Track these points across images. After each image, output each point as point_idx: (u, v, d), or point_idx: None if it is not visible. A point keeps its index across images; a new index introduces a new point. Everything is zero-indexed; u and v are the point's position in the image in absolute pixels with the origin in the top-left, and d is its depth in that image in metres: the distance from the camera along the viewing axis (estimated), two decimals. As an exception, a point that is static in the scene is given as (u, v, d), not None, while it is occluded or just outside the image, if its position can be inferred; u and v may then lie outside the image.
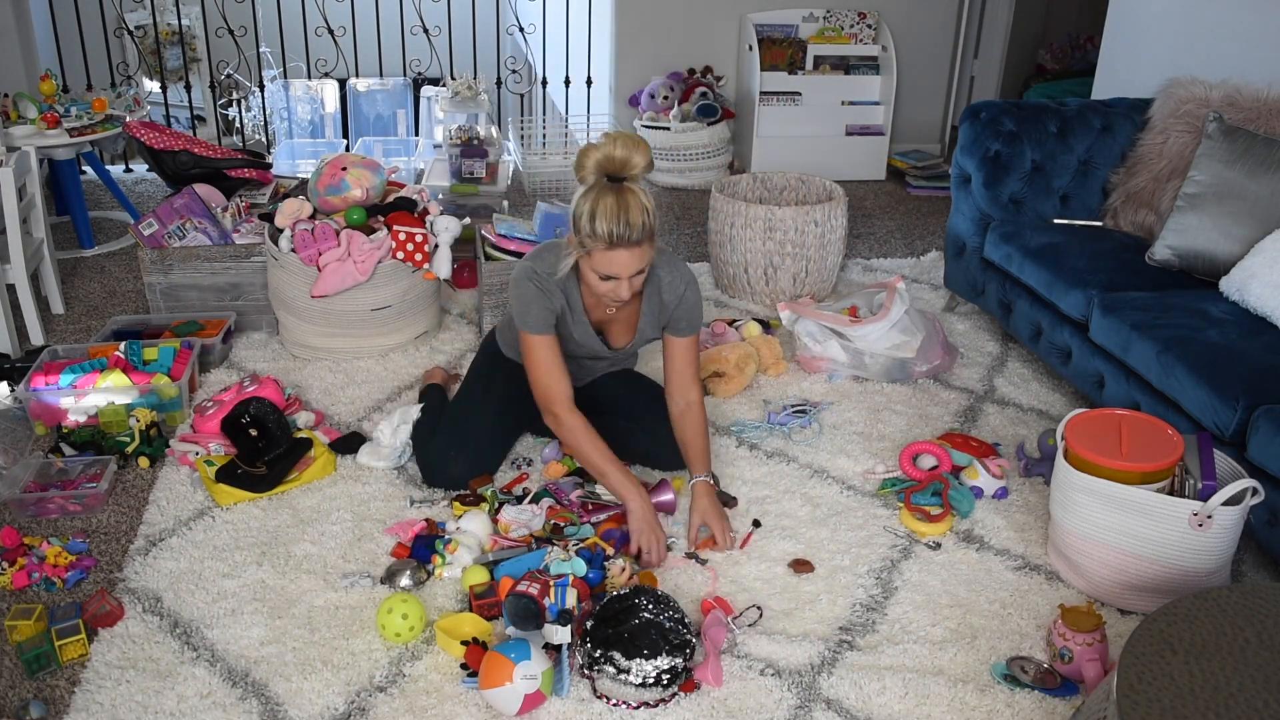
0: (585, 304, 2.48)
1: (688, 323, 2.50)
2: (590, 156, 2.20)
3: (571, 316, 2.48)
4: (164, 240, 3.36)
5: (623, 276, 2.27)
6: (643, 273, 2.31)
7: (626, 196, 2.19)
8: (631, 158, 2.19)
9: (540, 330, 2.41)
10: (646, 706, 1.97)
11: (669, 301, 2.48)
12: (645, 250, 2.26)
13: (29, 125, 3.97)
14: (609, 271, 2.26)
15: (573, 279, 2.43)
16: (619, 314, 2.51)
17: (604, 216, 2.18)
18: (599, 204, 2.18)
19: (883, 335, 3.16)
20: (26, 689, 1.99)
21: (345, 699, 1.98)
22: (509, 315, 2.70)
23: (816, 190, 3.97)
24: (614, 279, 2.28)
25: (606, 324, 2.56)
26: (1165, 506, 2.13)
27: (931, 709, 1.99)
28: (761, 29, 5.25)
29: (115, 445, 2.73)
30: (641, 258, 2.26)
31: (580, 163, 2.23)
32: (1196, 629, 1.62)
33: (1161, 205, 3.17)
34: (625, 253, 2.23)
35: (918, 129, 5.73)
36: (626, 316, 2.53)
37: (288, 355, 3.31)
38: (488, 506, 2.53)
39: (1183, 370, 2.48)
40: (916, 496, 2.57)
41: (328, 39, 5.38)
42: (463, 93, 4.83)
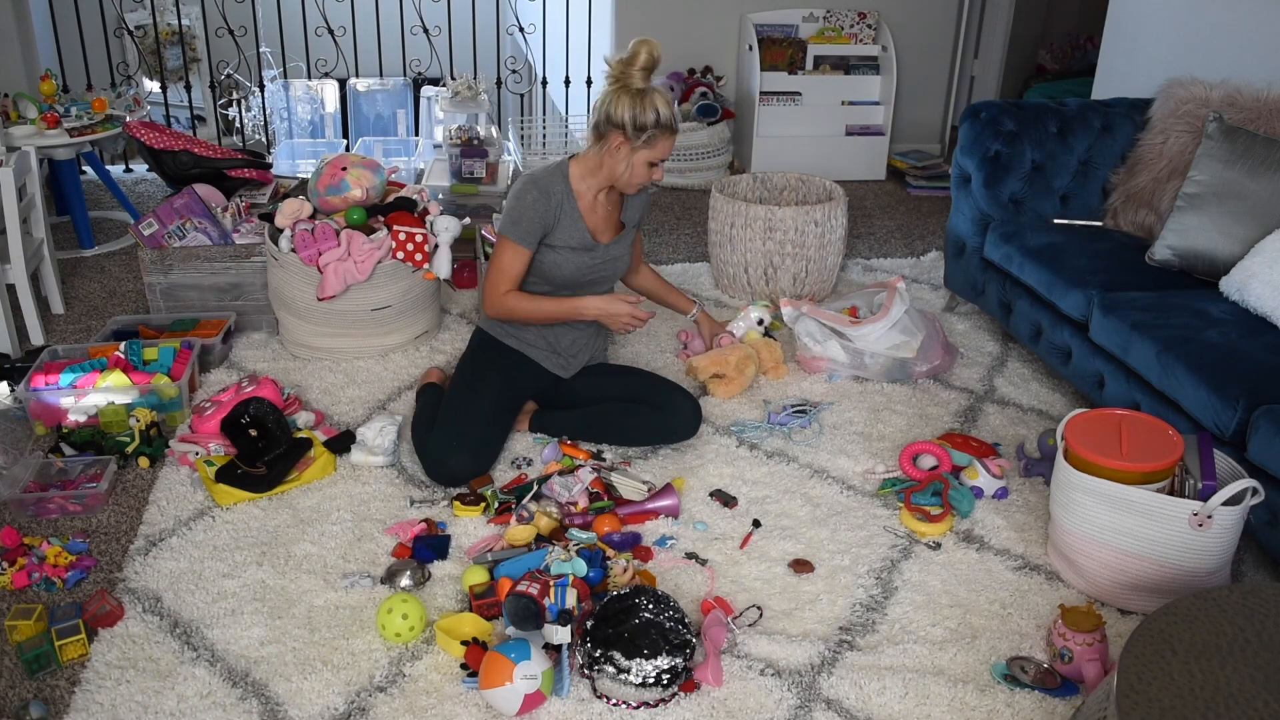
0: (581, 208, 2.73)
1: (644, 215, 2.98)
2: (639, 58, 2.53)
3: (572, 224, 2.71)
4: (164, 240, 3.36)
5: (659, 160, 2.64)
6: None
7: (658, 93, 2.58)
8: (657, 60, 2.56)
9: (521, 240, 2.66)
10: (646, 706, 1.97)
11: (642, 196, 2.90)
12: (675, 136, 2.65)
13: (29, 125, 3.97)
14: (662, 156, 2.63)
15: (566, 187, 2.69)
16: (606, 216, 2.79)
17: (666, 110, 2.57)
18: (656, 99, 2.56)
19: (883, 335, 3.16)
20: (26, 689, 1.99)
21: (345, 699, 1.98)
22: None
23: (816, 190, 3.97)
24: (659, 164, 2.65)
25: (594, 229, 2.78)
26: (1165, 506, 2.13)
27: (931, 709, 1.99)
28: (761, 29, 5.25)
29: (115, 445, 2.73)
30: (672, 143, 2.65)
31: (628, 64, 2.54)
32: (1196, 629, 1.62)
33: (1161, 205, 3.17)
34: (671, 139, 2.62)
35: (918, 129, 5.73)
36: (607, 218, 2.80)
37: (288, 355, 3.31)
38: (487, 506, 2.54)
39: (1183, 370, 2.48)
40: (916, 496, 2.57)
41: (328, 39, 5.38)
42: (463, 93, 4.83)
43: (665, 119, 2.58)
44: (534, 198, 2.64)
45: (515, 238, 2.66)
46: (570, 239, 2.71)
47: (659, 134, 2.58)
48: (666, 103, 2.58)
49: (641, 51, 2.53)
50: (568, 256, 2.72)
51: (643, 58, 2.53)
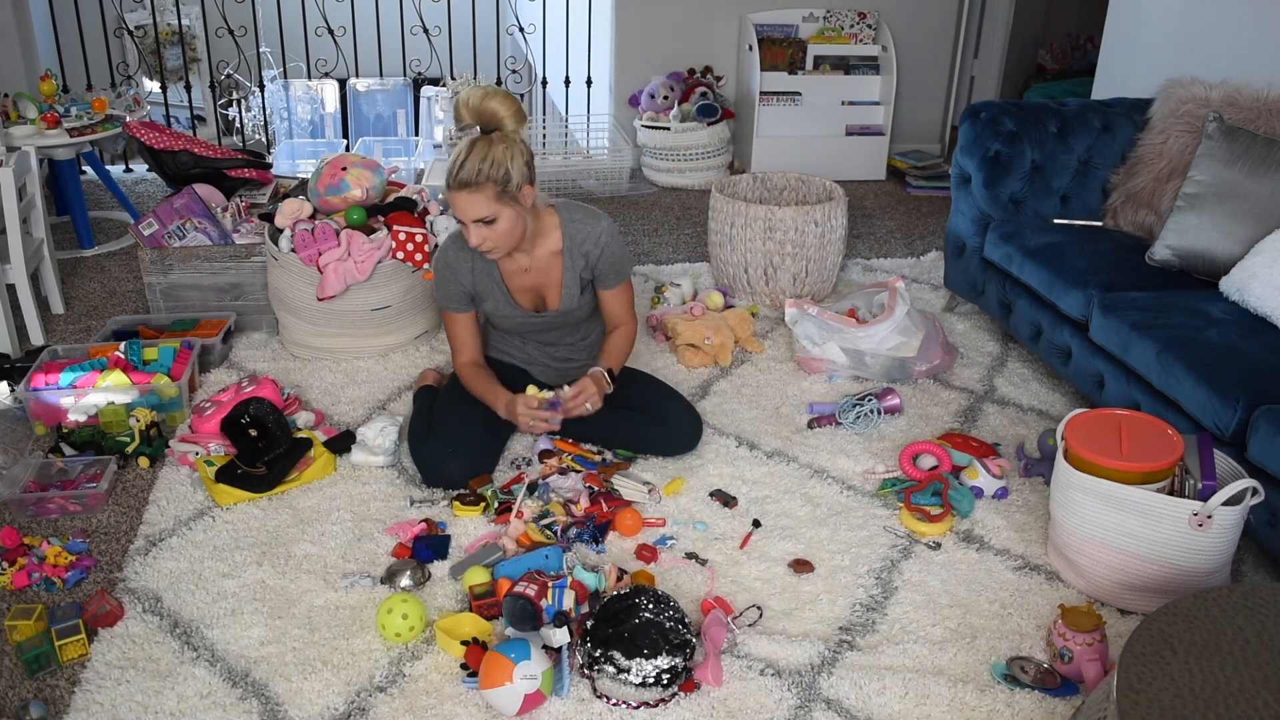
0: (503, 271, 2.63)
1: (615, 274, 2.67)
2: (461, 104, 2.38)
3: (493, 287, 2.64)
4: (164, 240, 3.36)
5: (465, 220, 2.40)
6: (490, 223, 2.41)
7: (479, 144, 2.34)
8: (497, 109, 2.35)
9: (451, 307, 2.65)
10: (646, 706, 1.97)
11: (590, 254, 2.61)
12: (481, 197, 2.36)
13: (29, 125, 3.97)
14: (456, 214, 2.41)
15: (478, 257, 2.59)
16: (544, 277, 2.64)
17: (453, 160, 2.35)
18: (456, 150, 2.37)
19: (885, 336, 3.16)
20: (26, 689, 1.99)
21: (345, 699, 1.98)
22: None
23: (816, 190, 3.97)
24: (468, 224, 2.41)
25: (532, 289, 2.67)
26: (1165, 506, 2.13)
27: (931, 709, 1.99)
28: (761, 29, 5.26)
29: (115, 445, 2.73)
30: (477, 204, 2.37)
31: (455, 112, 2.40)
32: (1196, 629, 1.62)
33: (1161, 205, 3.17)
34: (461, 195, 2.36)
35: (918, 129, 5.73)
36: (552, 278, 2.64)
37: (288, 355, 3.31)
38: (487, 506, 2.54)
39: (1183, 370, 2.48)
40: (916, 496, 2.57)
41: (328, 39, 5.38)
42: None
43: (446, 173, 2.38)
44: (442, 262, 2.63)
45: (444, 305, 2.69)
46: (497, 307, 2.67)
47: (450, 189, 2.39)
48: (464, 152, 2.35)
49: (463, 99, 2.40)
50: (503, 319, 2.69)
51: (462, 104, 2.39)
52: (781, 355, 3.38)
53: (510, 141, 2.38)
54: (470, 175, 2.34)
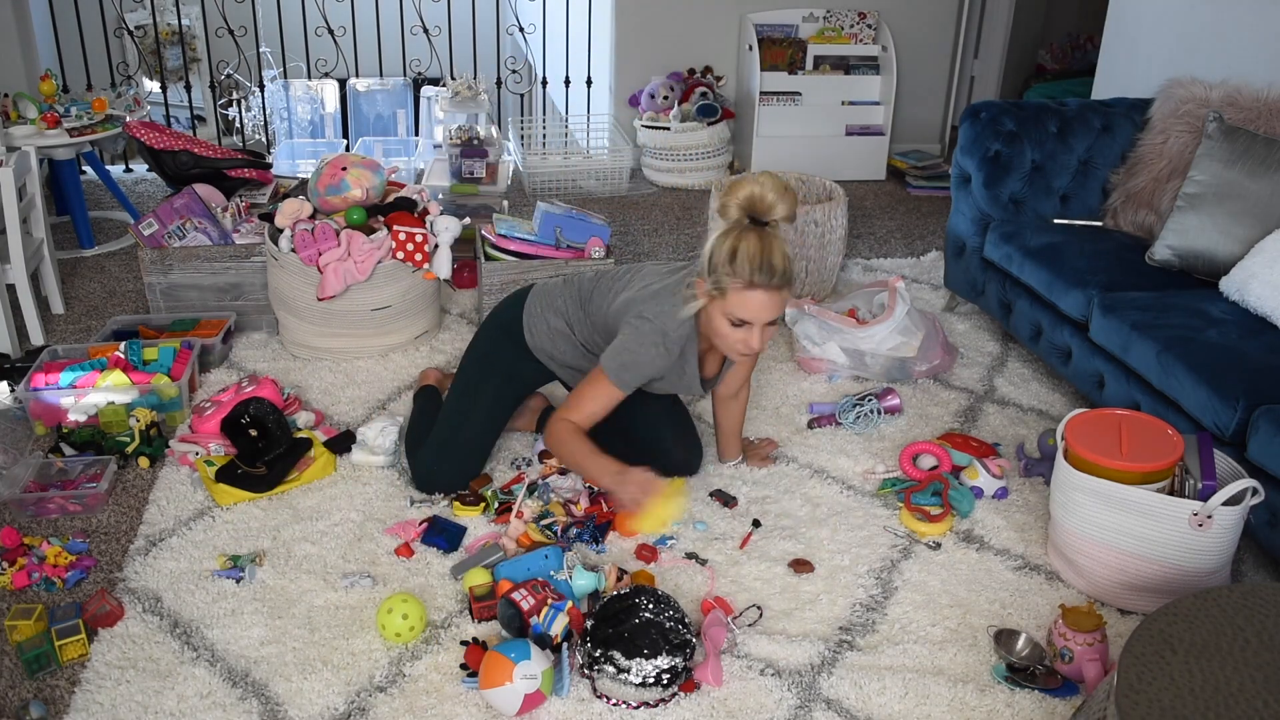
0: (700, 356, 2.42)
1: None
2: (739, 192, 2.16)
3: (683, 368, 2.41)
4: (164, 240, 3.36)
5: (756, 322, 2.19)
6: (774, 324, 2.23)
7: (770, 239, 2.15)
8: (778, 204, 2.14)
9: (624, 387, 2.35)
10: (646, 706, 1.97)
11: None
12: (783, 297, 2.18)
13: (29, 125, 3.97)
14: (743, 315, 2.18)
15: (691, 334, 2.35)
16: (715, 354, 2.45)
17: (746, 254, 2.13)
18: (741, 241, 2.14)
19: (885, 336, 3.16)
20: (26, 689, 1.99)
21: (345, 699, 1.98)
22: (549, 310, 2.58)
23: (816, 190, 3.97)
24: (746, 325, 2.20)
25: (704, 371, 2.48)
26: (1165, 506, 2.13)
27: (931, 709, 1.99)
28: (761, 29, 5.25)
29: (115, 445, 2.73)
30: (778, 304, 2.18)
31: (726, 196, 2.18)
32: (1196, 629, 1.62)
33: (1161, 205, 3.17)
34: (764, 295, 2.15)
35: (918, 129, 5.73)
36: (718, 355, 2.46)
37: (288, 355, 3.31)
38: (487, 506, 2.54)
39: (1183, 370, 2.48)
40: (916, 496, 2.57)
41: (328, 39, 5.38)
42: (463, 93, 4.83)
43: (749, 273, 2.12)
44: (655, 352, 2.31)
45: (620, 385, 2.34)
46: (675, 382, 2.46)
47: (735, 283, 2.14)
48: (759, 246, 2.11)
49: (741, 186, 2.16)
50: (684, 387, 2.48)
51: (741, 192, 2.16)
52: (781, 355, 3.38)
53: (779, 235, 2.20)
54: (780, 277, 2.14)
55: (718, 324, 2.23)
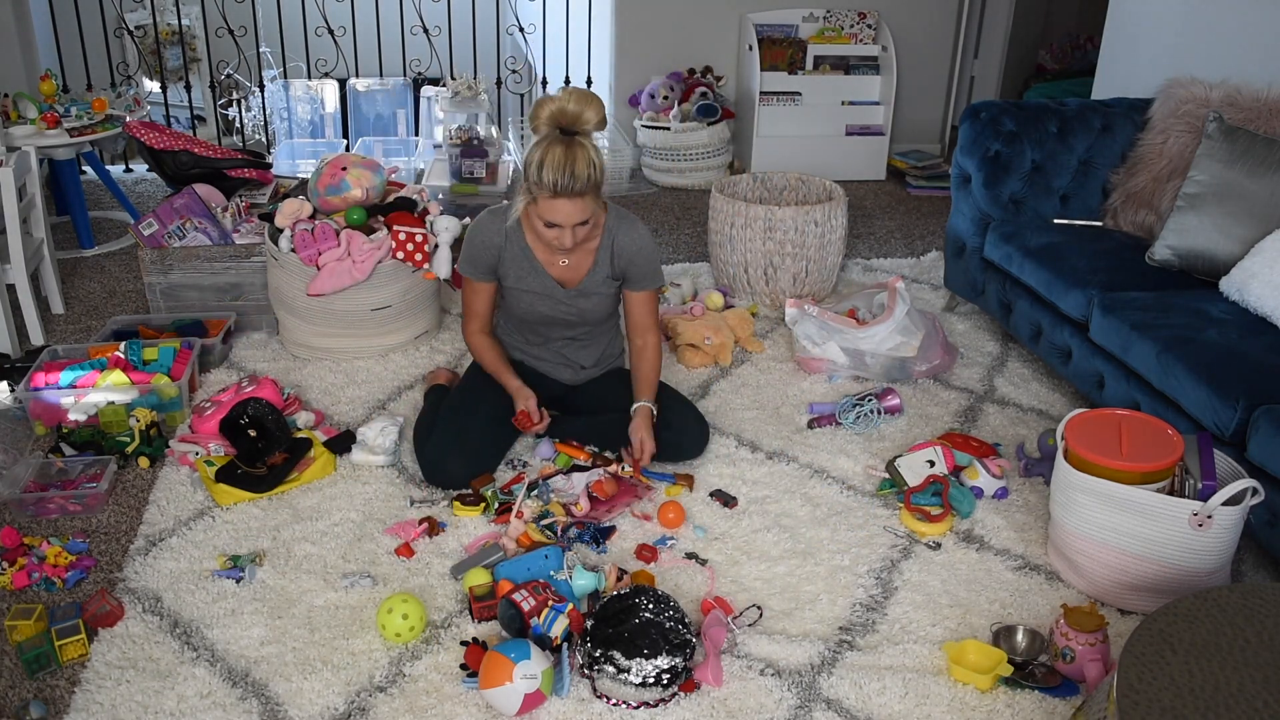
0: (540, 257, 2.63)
1: (644, 278, 2.67)
2: (544, 109, 2.35)
3: (526, 263, 2.63)
4: (164, 240, 3.36)
5: (565, 225, 2.41)
6: (586, 224, 2.45)
7: (575, 149, 2.33)
8: (584, 112, 2.34)
9: (474, 274, 2.67)
10: (646, 706, 1.97)
11: (625, 251, 2.62)
12: (587, 202, 2.40)
13: (29, 125, 3.97)
14: (552, 218, 2.41)
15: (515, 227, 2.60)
16: (575, 271, 2.65)
17: (551, 166, 2.33)
18: (548, 154, 2.33)
19: (885, 336, 3.16)
20: (26, 689, 1.99)
21: (345, 699, 1.98)
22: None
23: (816, 190, 3.97)
24: (557, 226, 2.42)
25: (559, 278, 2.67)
26: (1165, 506, 2.13)
27: (931, 709, 1.99)
28: (761, 29, 5.26)
29: (115, 445, 2.73)
30: (583, 209, 2.40)
31: (534, 114, 2.37)
32: (1196, 629, 1.62)
33: (1161, 205, 3.17)
34: (567, 202, 2.37)
35: (918, 129, 5.73)
36: (581, 270, 2.66)
37: (288, 355, 3.31)
38: (487, 506, 2.54)
39: (1183, 370, 2.48)
40: (916, 496, 2.57)
41: (328, 39, 5.38)
42: (463, 93, 4.83)
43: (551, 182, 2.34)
44: (473, 232, 2.64)
45: (463, 270, 2.71)
46: (524, 282, 2.66)
47: (542, 193, 2.38)
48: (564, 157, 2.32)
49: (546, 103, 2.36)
50: (527, 298, 2.69)
51: (546, 108, 2.35)
52: (781, 355, 3.38)
53: (591, 143, 2.39)
54: (584, 182, 2.35)
55: (536, 224, 2.48)
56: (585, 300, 2.69)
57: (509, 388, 2.71)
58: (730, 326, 3.39)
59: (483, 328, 2.78)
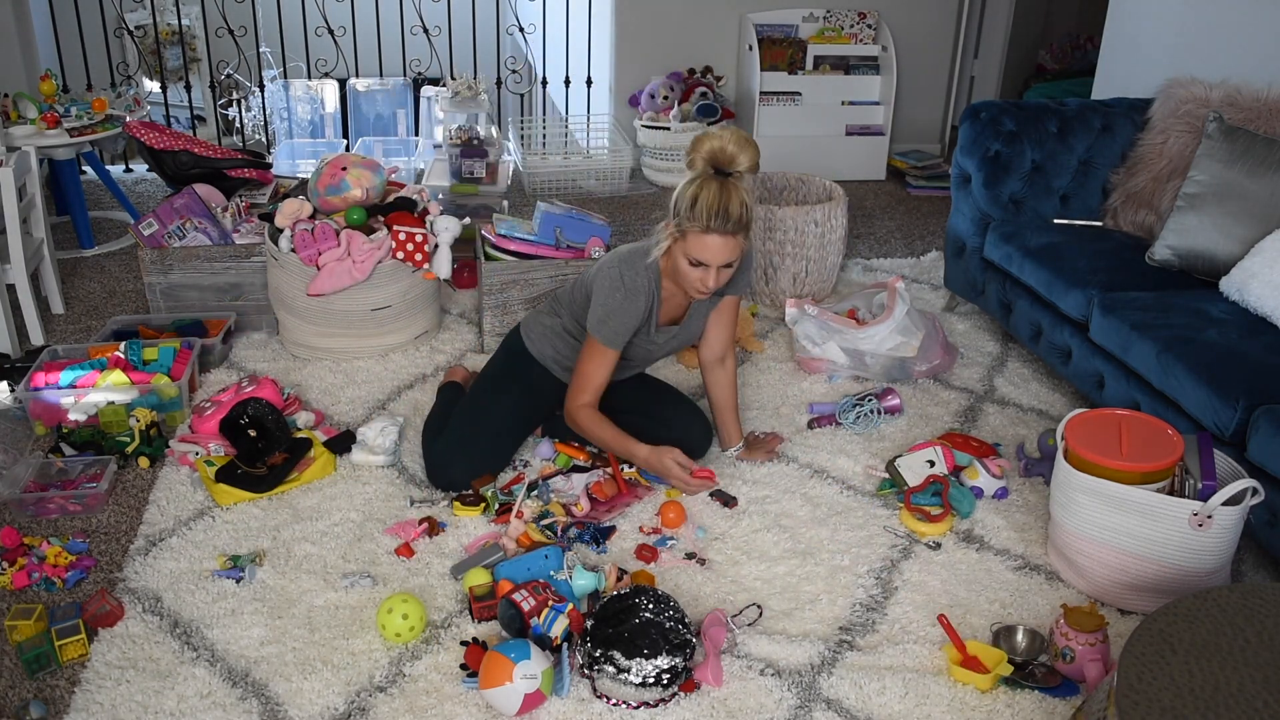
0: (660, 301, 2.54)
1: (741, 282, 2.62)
2: (703, 146, 2.33)
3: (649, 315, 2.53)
4: (164, 240, 3.36)
5: (712, 265, 2.35)
6: (731, 266, 2.38)
7: (729, 188, 2.30)
8: (739, 155, 2.31)
9: (611, 343, 2.48)
10: (646, 706, 1.97)
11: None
12: (738, 242, 2.35)
13: (29, 125, 3.97)
14: (700, 257, 2.34)
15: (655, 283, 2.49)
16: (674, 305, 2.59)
17: (705, 202, 2.28)
18: (703, 190, 2.29)
19: (885, 336, 3.16)
20: (26, 689, 1.99)
21: (345, 699, 1.98)
22: (545, 311, 2.75)
23: (816, 190, 3.97)
24: (703, 266, 2.35)
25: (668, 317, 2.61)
26: (1165, 506, 2.13)
27: (931, 709, 1.99)
28: (761, 29, 5.25)
29: (115, 445, 2.73)
30: (733, 249, 2.34)
31: (692, 150, 2.34)
32: (1196, 629, 1.62)
33: (1161, 205, 3.17)
34: (719, 239, 2.31)
35: (918, 129, 5.73)
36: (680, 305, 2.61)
37: (288, 355, 3.31)
38: (487, 506, 2.54)
39: (1183, 370, 2.48)
40: (916, 496, 2.57)
41: (328, 39, 5.38)
42: (463, 93, 4.83)
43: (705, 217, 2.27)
44: (627, 300, 2.44)
45: (607, 341, 2.47)
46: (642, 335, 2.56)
47: (693, 227, 2.29)
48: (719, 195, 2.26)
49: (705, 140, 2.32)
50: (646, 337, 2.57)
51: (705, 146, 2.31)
52: (781, 355, 3.38)
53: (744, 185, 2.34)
54: (735, 223, 2.30)
55: (679, 263, 2.39)
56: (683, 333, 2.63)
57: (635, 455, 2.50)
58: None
59: (595, 401, 2.54)
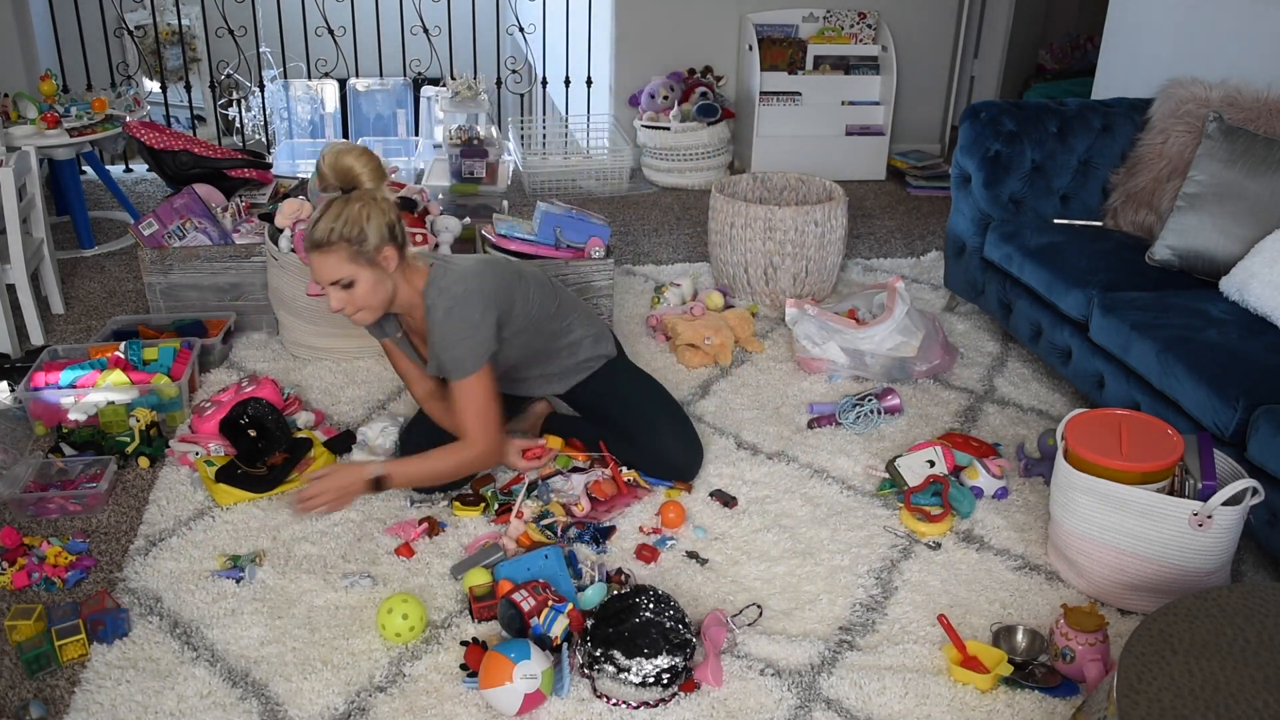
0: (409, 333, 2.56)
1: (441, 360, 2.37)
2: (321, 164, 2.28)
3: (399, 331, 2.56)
4: (164, 240, 3.36)
5: (321, 283, 2.29)
6: (348, 286, 2.26)
7: (334, 204, 2.24)
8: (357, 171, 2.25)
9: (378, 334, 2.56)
10: (646, 706, 1.97)
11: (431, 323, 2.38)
12: (334, 258, 2.23)
13: (29, 125, 3.97)
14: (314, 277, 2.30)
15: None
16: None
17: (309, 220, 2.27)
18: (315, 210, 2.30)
19: (885, 336, 3.16)
20: (26, 689, 1.99)
21: (345, 699, 1.98)
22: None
23: (816, 190, 3.97)
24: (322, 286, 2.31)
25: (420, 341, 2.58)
26: (1165, 506, 2.13)
27: (931, 709, 1.99)
28: (761, 29, 5.25)
29: (115, 445, 2.73)
30: (330, 266, 2.24)
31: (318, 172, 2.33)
32: (1196, 629, 1.62)
33: (1161, 205, 3.17)
34: (315, 256, 2.25)
35: (918, 129, 5.73)
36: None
37: (288, 355, 3.31)
38: (487, 506, 2.54)
39: (1183, 370, 2.48)
40: (916, 496, 2.57)
41: (328, 39, 5.38)
42: (463, 93, 4.83)
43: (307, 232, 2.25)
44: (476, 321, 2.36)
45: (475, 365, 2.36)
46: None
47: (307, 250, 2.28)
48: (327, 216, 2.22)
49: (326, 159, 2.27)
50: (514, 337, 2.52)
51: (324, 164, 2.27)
52: (781, 355, 3.38)
53: (367, 200, 2.23)
54: (323, 236, 2.21)
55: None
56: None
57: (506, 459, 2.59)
58: (730, 326, 3.39)
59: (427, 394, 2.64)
